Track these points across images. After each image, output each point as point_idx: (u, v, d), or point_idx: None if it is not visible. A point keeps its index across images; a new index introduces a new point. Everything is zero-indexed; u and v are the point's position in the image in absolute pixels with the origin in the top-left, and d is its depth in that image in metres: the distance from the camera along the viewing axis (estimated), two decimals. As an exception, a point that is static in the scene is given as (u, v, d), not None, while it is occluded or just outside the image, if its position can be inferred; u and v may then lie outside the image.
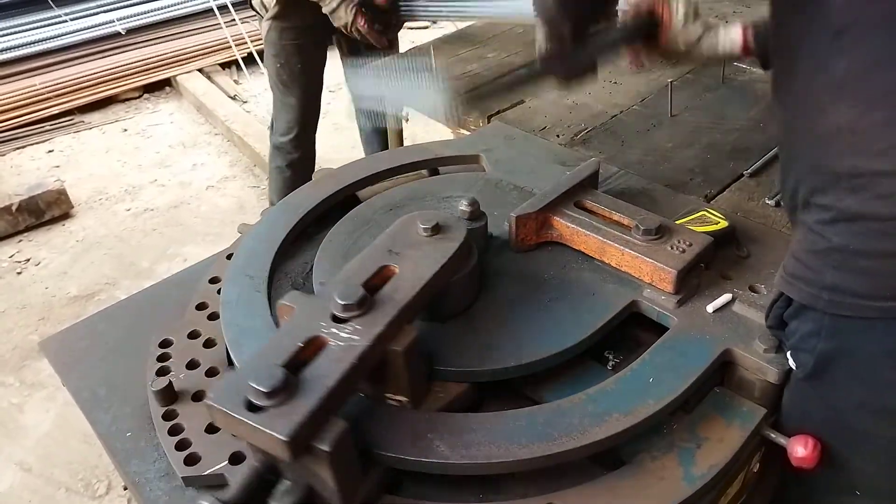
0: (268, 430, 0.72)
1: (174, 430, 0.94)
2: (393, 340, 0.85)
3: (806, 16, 0.79)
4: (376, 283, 0.92)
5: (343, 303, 0.85)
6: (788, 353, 0.93)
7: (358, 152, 2.90)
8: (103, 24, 4.53)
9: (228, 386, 0.77)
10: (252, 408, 0.74)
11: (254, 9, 2.47)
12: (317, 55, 2.54)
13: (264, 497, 0.79)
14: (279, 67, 2.48)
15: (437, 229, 1.00)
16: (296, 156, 2.61)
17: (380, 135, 2.77)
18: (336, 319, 0.86)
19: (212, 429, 0.93)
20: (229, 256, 1.22)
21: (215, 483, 0.89)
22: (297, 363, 0.80)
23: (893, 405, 0.84)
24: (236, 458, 0.89)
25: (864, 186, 0.77)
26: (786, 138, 0.90)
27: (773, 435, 0.93)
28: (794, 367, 0.92)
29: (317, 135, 2.69)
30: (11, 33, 4.37)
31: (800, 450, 0.88)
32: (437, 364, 0.95)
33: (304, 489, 0.79)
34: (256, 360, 0.81)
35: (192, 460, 0.90)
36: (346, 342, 0.83)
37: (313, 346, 0.83)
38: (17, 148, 3.94)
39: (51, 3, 4.59)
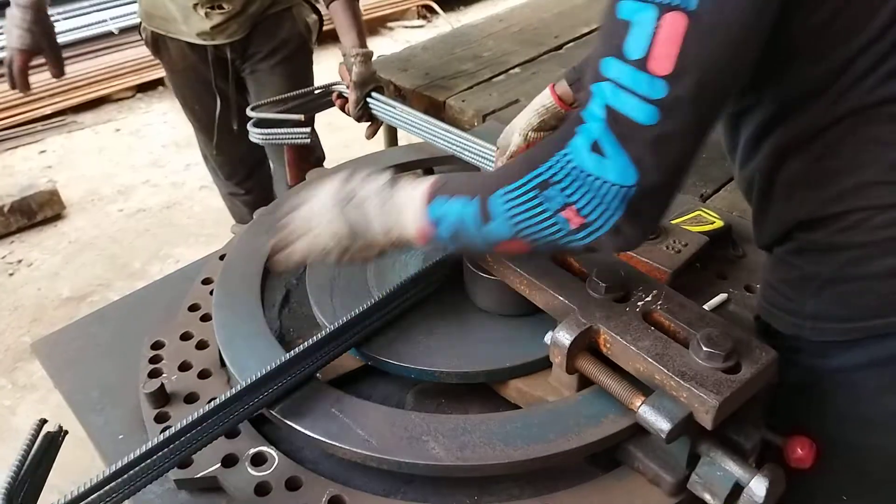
0: (766, 364, 0.78)
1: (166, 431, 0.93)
2: None
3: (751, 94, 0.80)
4: (578, 272, 0.95)
5: (619, 283, 0.88)
6: None
7: (352, 152, 2.89)
8: (96, 23, 4.51)
9: (699, 387, 0.76)
10: (734, 370, 0.78)
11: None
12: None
13: None
14: (187, 114, 2.11)
15: None
16: (250, 185, 2.27)
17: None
18: (622, 300, 0.88)
19: (204, 431, 0.93)
20: (222, 257, 1.21)
21: (208, 486, 0.89)
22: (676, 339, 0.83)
23: (873, 416, 0.85)
24: (229, 461, 0.89)
25: (826, 224, 0.79)
26: (744, 189, 0.92)
27: (769, 435, 0.93)
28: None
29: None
30: (2, 33, 4.35)
31: (797, 450, 0.88)
32: (432, 365, 0.95)
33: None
34: (675, 362, 0.79)
35: (184, 463, 0.89)
36: (659, 297, 0.87)
37: (655, 323, 0.85)
38: (9, 148, 3.92)
39: (43, 2, 4.57)
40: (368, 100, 1.60)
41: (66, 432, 0.86)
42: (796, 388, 0.91)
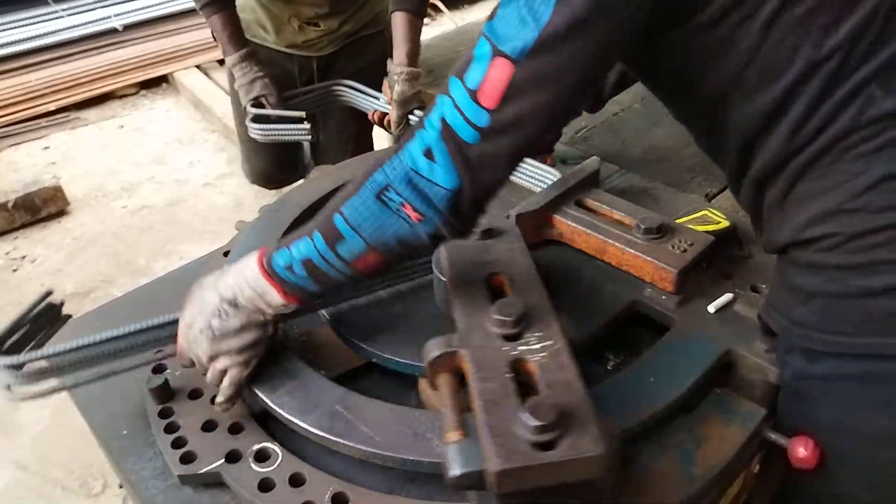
0: (581, 455, 0.67)
1: (170, 428, 0.93)
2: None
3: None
4: (501, 292, 0.89)
5: (512, 319, 0.81)
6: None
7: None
8: (100, 19, 4.50)
9: (494, 445, 0.68)
10: (546, 446, 0.68)
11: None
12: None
13: None
14: (237, 123, 2.00)
15: (488, 232, 0.99)
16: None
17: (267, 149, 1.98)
18: (512, 338, 0.81)
19: (208, 427, 0.92)
20: (226, 254, 1.21)
21: (211, 481, 0.89)
22: (526, 392, 0.75)
23: (865, 428, 0.84)
24: (232, 457, 0.89)
25: (806, 246, 0.81)
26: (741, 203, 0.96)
27: (773, 436, 0.92)
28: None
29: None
30: (7, 29, 4.35)
31: (801, 450, 0.87)
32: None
33: None
34: (499, 415, 0.71)
35: (188, 458, 0.89)
36: (547, 349, 0.79)
37: (522, 371, 0.78)
38: (13, 144, 3.92)
39: (47, -2, 4.58)
40: (411, 118, 1.55)
41: (63, 303, 1.01)
42: (791, 391, 0.91)
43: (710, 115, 0.85)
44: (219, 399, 0.92)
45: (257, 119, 1.56)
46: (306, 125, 1.51)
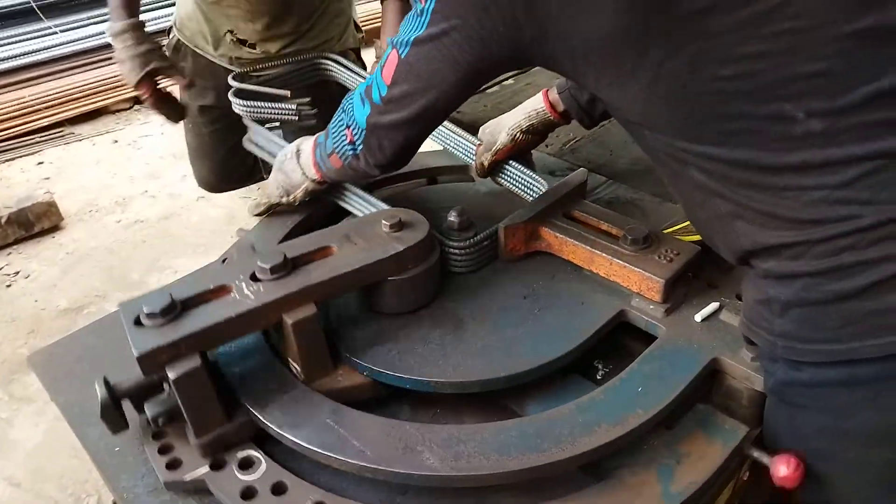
0: (131, 343, 0.84)
1: (158, 435, 0.94)
2: (290, 312, 0.93)
3: (647, 142, 0.91)
4: (310, 258, 1.00)
5: (261, 265, 0.94)
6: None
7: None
8: (93, 35, 4.53)
9: (139, 302, 0.88)
10: (137, 323, 0.87)
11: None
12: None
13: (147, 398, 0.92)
14: (187, 132, 2.18)
15: (398, 226, 1.03)
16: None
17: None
18: (252, 277, 0.94)
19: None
20: (224, 261, 1.22)
21: (195, 488, 0.89)
22: (198, 302, 0.91)
23: (855, 430, 0.85)
24: (217, 465, 0.89)
25: (774, 254, 0.82)
26: (691, 221, 0.98)
27: (755, 453, 0.92)
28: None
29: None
30: (0, 45, 4.37)
31: (782, 469, 0.87)
32: (427, 375, 0.95)
33: (173, 405, 0.90)
34: (165, 289, 0.92)
35: (173, 465, 0.90)
36: (243, 298, 0.91)
37: (218, 293, 0.92)
38: (7, 160, 3.92)
39: (41, 14, 4.59)
40: None
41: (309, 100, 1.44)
42: (778, 399, 0.91)
43: (641, 142, 0.92)
44: (255, 206, 1.30)
45: (240, 94, 1.47)
46: (291, 105, 1.42)
